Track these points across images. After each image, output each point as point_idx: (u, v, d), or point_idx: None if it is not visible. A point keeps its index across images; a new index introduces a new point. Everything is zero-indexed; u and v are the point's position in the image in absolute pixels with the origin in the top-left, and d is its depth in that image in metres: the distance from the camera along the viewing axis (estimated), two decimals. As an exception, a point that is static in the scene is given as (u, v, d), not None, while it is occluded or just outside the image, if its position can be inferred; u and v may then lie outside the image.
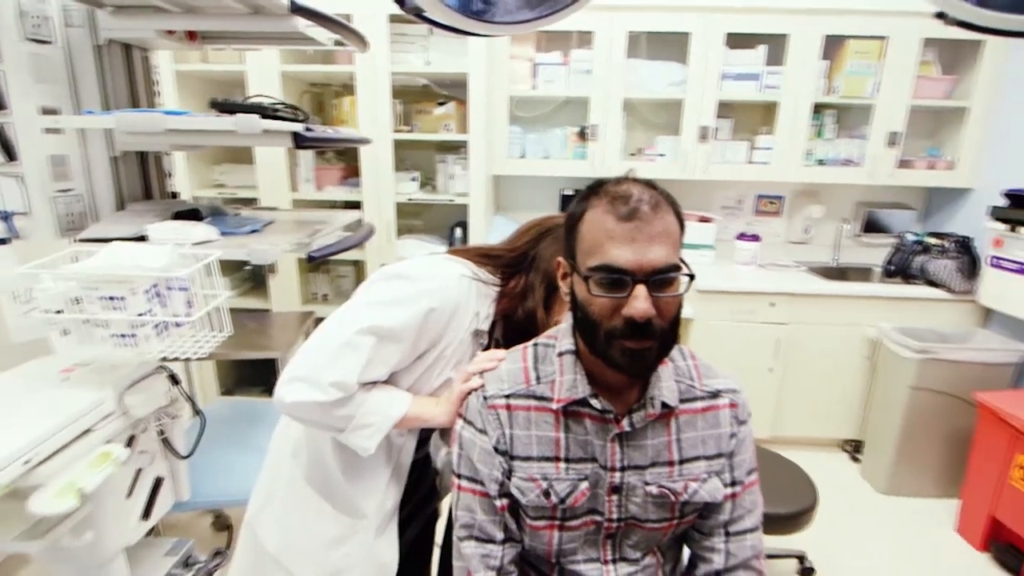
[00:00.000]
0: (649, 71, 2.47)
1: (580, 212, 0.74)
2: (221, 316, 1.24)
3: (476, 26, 0.99)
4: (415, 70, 2.37)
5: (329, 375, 0.83)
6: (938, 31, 2.30)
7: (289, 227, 1.60)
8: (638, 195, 0.70)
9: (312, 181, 2.53)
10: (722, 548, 0.84)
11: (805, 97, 2.43)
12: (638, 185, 0.72)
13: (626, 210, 0.68)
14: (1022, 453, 1.83)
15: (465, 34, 1.05)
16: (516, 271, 1.03)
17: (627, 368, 0.72)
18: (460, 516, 0.82)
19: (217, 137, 1.22)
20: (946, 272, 2.36)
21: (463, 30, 1.01)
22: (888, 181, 2.52)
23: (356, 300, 0.93)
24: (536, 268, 1.02)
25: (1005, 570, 1.92)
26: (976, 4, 0.92)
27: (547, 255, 1.02)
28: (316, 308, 2.63)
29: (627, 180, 0.74)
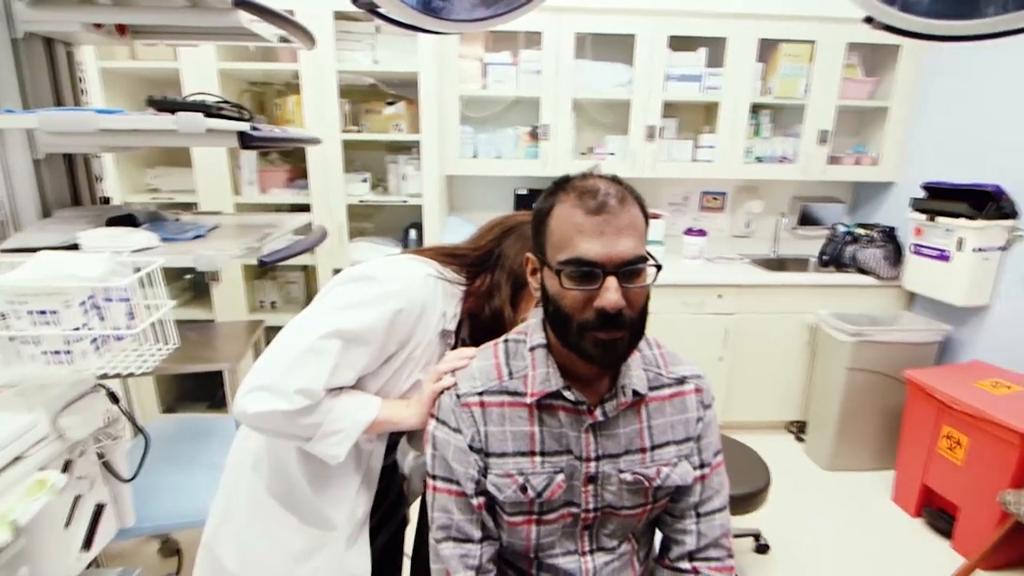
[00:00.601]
0: (597, 72, 2.52)
1: (548, 207, 0.75)
2: (166, 327, 1.16)
3: (433, 23, 0.98)
4: (363, 69, 2.32)
5: (294, 382, 0.80)
6: (861, 36, 2.47)
7: (236, 232, 1.53)
8: (605, 189, 0.71)
9: (256, 183, 2.42)
10: (693, 529, 0.86)
11: (743, 98, 2.55)
12: (604, 180, 0.74)
13: (594, 204, 0.69)
14: (948, 424, 2.00)
15: (420, 31, 1.03)
16: (481, 270, 1.03)
17: (600, 359, 0.73)
18: (437, 518, 0.81)
19: (156, 137, 1.14)
20: (874, 260, 2.54)
21: (420, 27, 0.99)
22: (820, 177, 2.69)
23: (319, 304, 0.89)
24: (501, 266, 1.02)
25: (937, 533, 2.08)
26: (900, 9, 0.99)
27: (512, 253, 1.02)
28: (265, 316, 2.52)
29: (593, 175, 0.75)
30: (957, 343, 2.38)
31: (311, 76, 2.23)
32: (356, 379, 0.89)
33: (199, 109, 1.14)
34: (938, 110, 2.48)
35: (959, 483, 1.97)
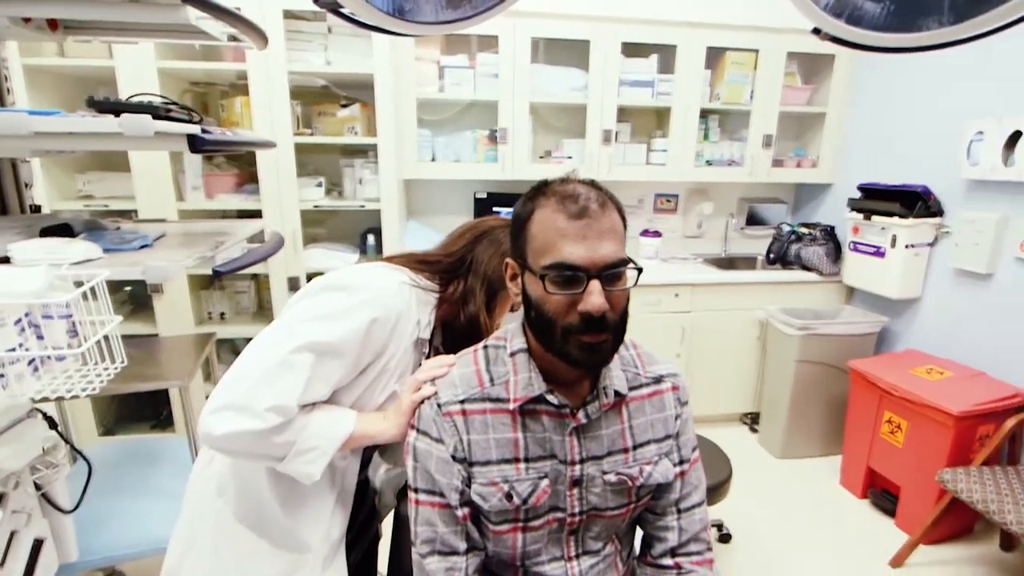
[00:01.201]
0: (553, 76, 2.55)
1: (528, 212, 0.74)
2: (113, 345, 1.08)
3: (399, 25, 0.95)
4: (315, 70, 2.25)
5: (265, 400, 0.75)
6: (799, 45, 2.61)
7: (185, 240, 1.44)
8: (585, 194, 0.71)
9: (201, 189, 2.30)
10: (675, 525, 0.88)
11: (693, 103, 2.64)
12: (583, 184, 0.74)
13: (576, 208, 0.70)
14: (889, 410, 2.13)
15: (385, 33, 1.01)
16: (454, 276, 1.02)
17: (584, 362, 0.73)
18: (420, 532, 0.78)
19: (97, 141, 1.06)
20: (816, 257, 2.68)
21: (385, 29, 0.97)
22: (765, 179, 2.82)
23: (290, 315, 0.85)
24: (475, 272, 1.01)
25: (882, 512, 2.21)
26: (847, 22, 1.04)
27: (484, 258, 1.01)
28: (214, 328, 2.40)
29: (572, 180, 0.75)
30: (893, 333, 2.55)
31: (260, 77, 2.14)
32: (330, 393, 0.86)
33: (145, 110, 1.07)
34: (869, 116, 2.65)
35: (900, 464, 2.10)
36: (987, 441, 1.91)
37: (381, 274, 0.93)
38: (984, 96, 2.09)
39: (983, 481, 1.75)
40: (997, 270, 2.08)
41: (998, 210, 2.05)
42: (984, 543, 2.04)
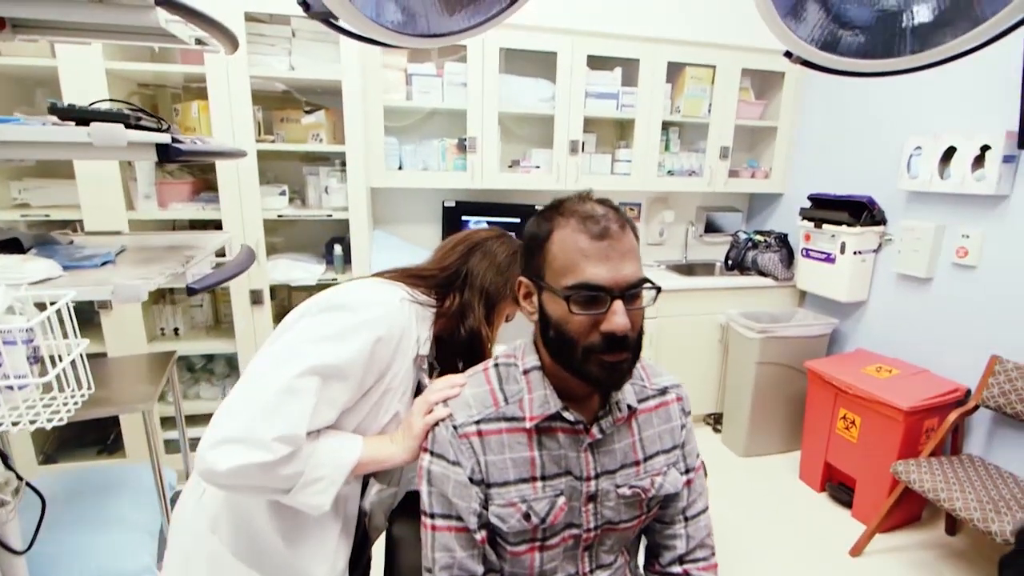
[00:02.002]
0: (522, 87, 2.57)
1: (546, 232, 0.74)
2: (81, 371, 1.00)
3: (399, 39, 0.94)
4: (277, 75, 2.17)
5: (272, 429, 0.71)
6: (753, 62, 2.75)
7: (149, 256, 1.35)
8: (605, 214, 0.72)
9: (154, 198, 2.16)
10: (682, 533, 0.90)
11: (655, 115, 2.72)
12: (601, 204, 0.74)
13: (598, 229, 0.70)
14: (843, 407, 2.26)
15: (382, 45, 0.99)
16: (449, 290, 1.00)
17: (604, 381, 0.73)
18: (439, 558, 0.76)
19: (62, 151, 0.99)
20: (772, 263, 2.82)
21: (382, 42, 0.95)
22: (723, 189, 2.94)
23: (290, 337, 0.81)
24: (471, 285, 1.00)
25: (839, 504, 2.34)
26: (820, 48, 1.10)
27: (480, 270, 1.01)
28: (167, 345, 2.26)
29: (589, 200, 0.75)
30: (843, 334, 2.71)
31: (219, 81, 2.04)
32: (336, 418, 0.82)
33: (115, 118, 1.00)
34: (816, 130, 2.82)
35: (855, 458, 2.23)
36: (932, 434, 2.06)
37: (380, 291, 0.90)
38: (921, 115, 2.26)
39: (932, 471, 1.89)
40: (936, 275, 2.25)
41: (935, 219, 2.22)
42: (931, 529, 2.20)
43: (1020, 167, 1.94)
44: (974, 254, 2.09)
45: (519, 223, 2.76)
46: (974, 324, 2.11)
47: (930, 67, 1.00)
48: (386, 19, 0.93)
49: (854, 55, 1.10)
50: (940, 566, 1.99)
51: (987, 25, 0.87)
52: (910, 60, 1.03)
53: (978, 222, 2.08)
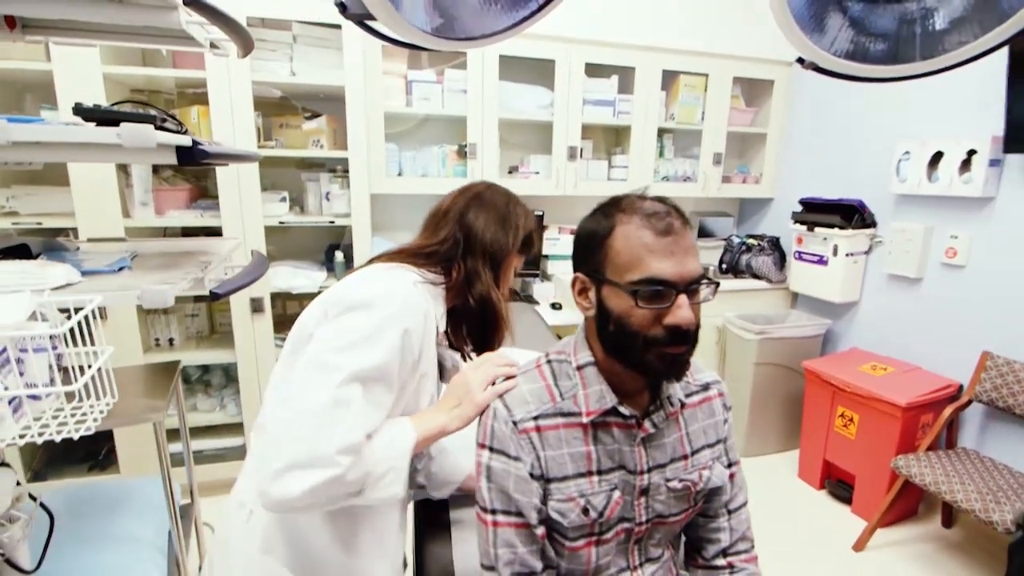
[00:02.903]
0: (521, 94, 2.59)
1: (608, 228, 0.75)
2: (106, 379, 0.97)
3: (434, 42, 0.94)
4: (279, 80, 2.15)
5: (332, 444, 0.70)
6: (743, 71, 2.82)
7: (164, 261, 1.32)
8: (668, 211, 0.74)
9: (150, 205, 2.12)
10: (726, 526, 0.91)
11: (651, 122, 2.77)
12: (660, 203, 0.76)
13: (663, 225, 0.71)
14: (841, 405, 2.31)
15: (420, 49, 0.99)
16: (452, 262, 0.96)
17: (665, 372, 0.75)
18: (501, 555, 0.76)
19: (87, 152, 0.96)
20: (765, 266, 2.89)
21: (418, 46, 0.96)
22: (716, 194, 3.00)
23: (317, 349, 0.78)
24: (472, 250, 0.96)
25: (839, 501, 2.39)
26: (840, 56, 1.14)
27: (478, 231, 0.96)
28: (163, 356, 2.21)
29: (647, 197, 0.77)
30: (836, 334, 2.78)
31: (220, 85, 2.02)
32: (384, 417, 0.81)
33: (143, 119, 0.98)
34: (804, 136, 2.91)
35: (854, 455, 2.29)
36: (928, 429, 2.12)
37: (394, 279, 0.88)
38: (909, 120, 2.35)
39: (931, 465, 1.94)
40: (926, 275, 2.33)
41: (924, 221, 2.31)
42: (928, 522, 2.26)
43: (1005, 170, 2.03)
44: (962, 254, 2.17)
45: (518, 229, 2.77)
46: (964, 322, 2.19)
47: (943, 71, 1.05)
48: (424, 22, 0.93)
49: (873, 62, 1.14)
50: (940, 558, 2.05)
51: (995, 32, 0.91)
52: (923, 65, 1.07)
53: (966, 223, 2.16)
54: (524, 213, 1.02)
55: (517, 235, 0.99)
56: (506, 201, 1.00)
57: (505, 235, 0.97)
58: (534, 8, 1.09)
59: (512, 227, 0.98)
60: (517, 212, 1.00)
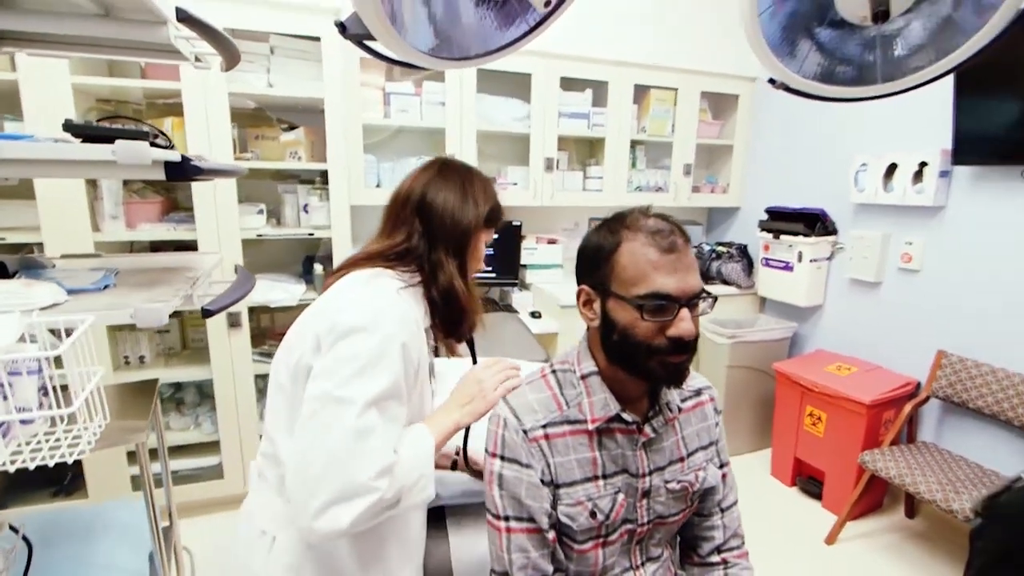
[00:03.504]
0: (498, 106, 2.63)
1: (614, 245, 0.79)
2: (99, 401, 0.95)
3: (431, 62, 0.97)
4: (256, 92, 2.13)
5: (367, 471, 0.72)
6: (710, 86, 2.94)
7: (149, 277, 1.30)
8: (669, 228, 0.78)
9: (121, 218, 2.05)
10: (720, 524, 0.96)
11: (624, 134, 2.86)
12: (663, 220, 0.80)
13: (667, 243, 0.76)
14: (810, 404, 2.42)
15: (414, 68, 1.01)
16: (422, 257, 0.93)
17: (667, 379, 0.79)
18: (515, 560, 0.78)
19: (80, 169, 0.94)
20: (735, 273, 3.00)
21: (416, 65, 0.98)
22: (687, 203, 3.11)
23: (323, 384, 0.77)
24: (436, 240, 0.93)
25: (810, 496, 2.49)
26: (808, 78, 1.21)
27: (437, 218, 0.92)
28: (136, 375, 2.14)
29: (651, 215, 0.81)
30: (802, 337, 2.90)
31: (196, 97, 1.98)
32: (402, 427, 0.83)
33: (138, 136, 0.97)
34: (769, 148, 3.04)
35: (823, 452, 2.39)
36: (891, 425, 2.25)
37: (379, 293, 0.86)
38: (866, 134, 2.50)
39: (895, 459, 2.05)
40: (884, 279, 2.47)
41: (882, 229, 2.45)
42: (893, 514, 2.38)
43: (954, 181, 2.18)
44: (917, 259, 2.31)
45: (497, 239, 2.80)
46: (920, 323, 2.33)
47: (902, 92, 1.14)
48: (423, 43, 0.96)
49: (839, 84, 1.22)
50: (905, 547, 2.16)
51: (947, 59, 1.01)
52: (884, 87, 1.16)
53: (919, 231, 2.31)
54: (483, 186, 0.99)
55: (478, 211, 0.95)
56: (462, 178, 0.96)
57: (465, 215, 0.93)
58: (526, 29, 1.13)
59: (471, 203, 0.94)
60: (475, 187, 0.97)
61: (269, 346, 2.39)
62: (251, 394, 2.25)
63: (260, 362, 2.29)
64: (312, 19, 2.07)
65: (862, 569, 2.04)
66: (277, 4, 2.01)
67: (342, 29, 0.91)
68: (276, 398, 0.89)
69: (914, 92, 1.05)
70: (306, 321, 0.87)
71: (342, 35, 0.91)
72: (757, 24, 0.96)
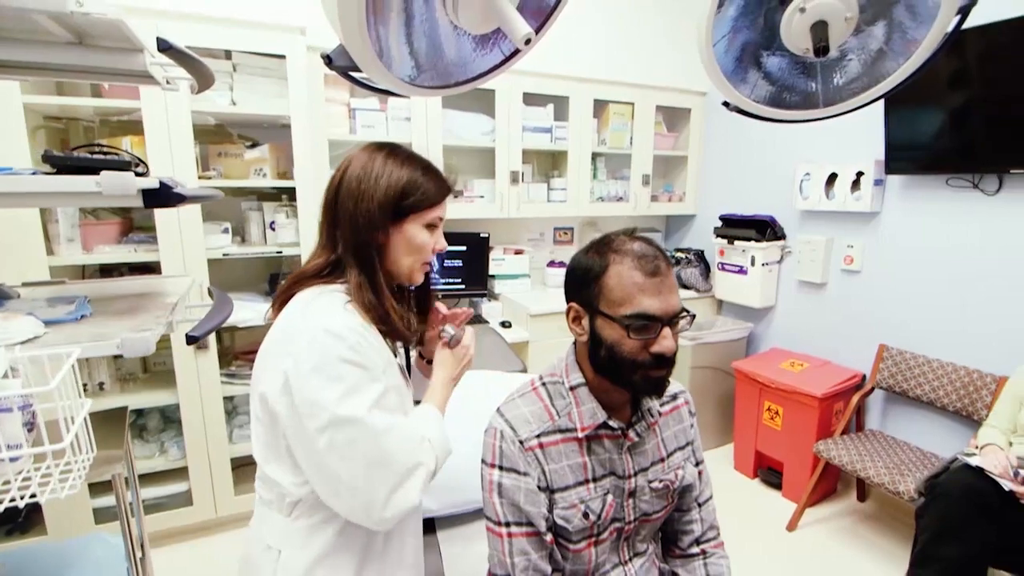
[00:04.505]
0: (463, 121, 2.68)
1: (602, 267, 0.85)
2: (86, 434, 0.94)
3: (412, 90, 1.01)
4: (219, 110, 2.10)
5: (407, 455, 0.80)
6: (664, 100, 3.09)
7: (125, 304, 1.28)
8: (653, 253, 0.84)
9: (77, 240, 1.98)
10: (698, 518, 1.03)
11: (585, 147, 2.96)
12: (646, 244, 0.87)
13: (651, 268, 0.82)
14: (768, 400, 2.57)
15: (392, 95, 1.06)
16: (344, 269, 0.88)
17: (649, 391, 0.86)
18: (517, 563, 0.83)
19: (54, 200, 0.93)
20: (693, 277, 3.14)
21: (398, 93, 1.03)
22: (646, 212, 3.24)
23: (318, 412, 0.76)
24: (352, 254, 0.86)
25: (770, 487, 2.63)
26: (758, 102, 1.32)
27: (344, 224, 0.87)
28: (99, 402, 2.05)
29: (636, 238, 0.87)
30: (757, 336, 3.07)
31: (157, 115, 1.94)
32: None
33: (121, 166, 0.97)
34: (720, 159, 3.22)
35: (781, 444, 2.54)
36: (841, 415, 2.41)
37: (324, 316, 0.80)
38: (808, 146, 2.69)
39: (846, 447, 2.21)
40: (829, 279, 2.66)
41: (825, 233, 2.63)
42: (845, 498, 2.55)
43: (887, 189, 2.37)
44: (858, 261, 2.50)
45: (465, 251, 2.85)
46: (863, 319, 2.51)
47: (840, 115, 1.26)
48: (406, 75, 1.01)
49: (786, 107, 1.34)
50: (858, 529, 2.32)
51: (878, 87, 1.13)
52: (825, 111, 1.28)
53: (859, 234, 2.50)
54: (385, 171, 0.86)
55: (376, 205, 0.84)
56: (360, 172, 0.87)
57: (365, 216, 0.83)
58: (500, 59, 1.19)
59: (367, 200, 0.84)
60: (371, 178, 0.85)
61: (236, 366, 2.34)
62: (220, 416, 2.20)
63: (228, 383, 2.24)
64: (276, 37, 2.07)
65: (822, 552, 2.19)
66: (240, 23, 2.00)
67: (328, 61, 0.94)
68: (257, 427, 0.89)
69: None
70: (269, 351, 0.84)
71: (328, 66, 0.95)
72: (712, 52, 1.05)
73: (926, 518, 1.55)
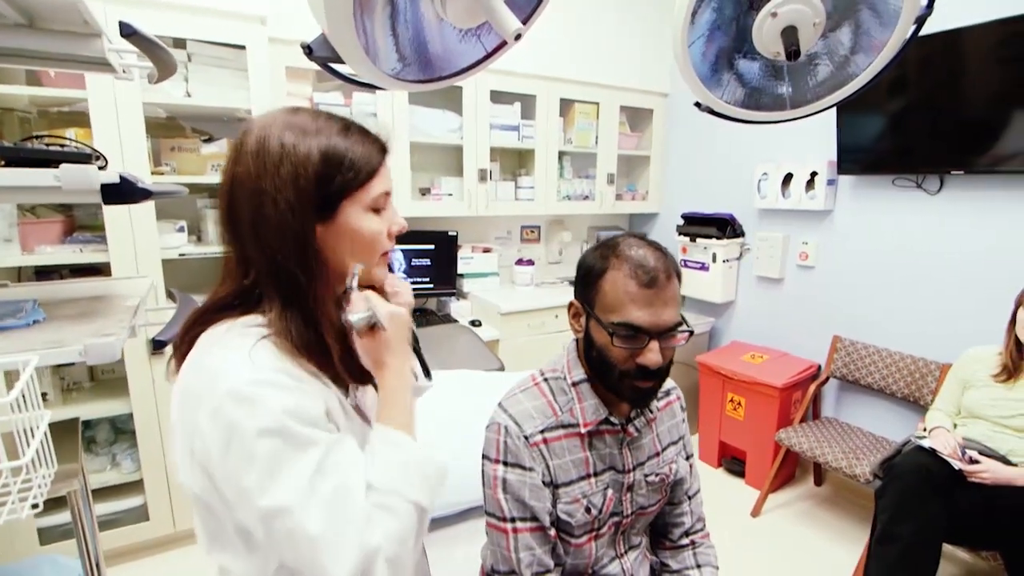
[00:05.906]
0: (431, 118, 2.64)
1: (602, 270, 0.84)
2: (46, 448, 0.87)
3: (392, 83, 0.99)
4: (172, 102, 1.99)
5: (360, 550, 0.57)
6: (628, 100, 3.14)
7: (80, 308, 1.19)
8: (654, 263, 0.82)
9: (15, 240, 1.84)
10: (688, 510, 1.05)
11: (552, 146, 2.98)
12: (653, 251, 0.85)
13: (647, 278, 0.81)
14: (730, 391, 2.66)
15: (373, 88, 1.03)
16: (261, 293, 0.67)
17: (633, 401, 0.87)
18: (523, 557, 0.83)
19: (7, 196, 0.85)
20: (657, 274, 3.21)
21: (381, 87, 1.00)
22: (611, 211, 3.29)
23: (245, 501, 0.59)
24: (257, 267, 0.65)
25: (734, 475, 2.73)
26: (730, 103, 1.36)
27: (249, 225, 0.64)
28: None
29: (643, 244, 0.86)
30: (719, 330, 3.18)
31: (105, 106, 1.82)
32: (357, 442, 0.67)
33: (81, 159, 0.90)
34: (682, 158, 3.30)
35: (744, 434, 2.63)
36: (799, 405, 2.53)
37: (231, 362, 0.61)
38: (765, 146, 2.79)
39: (806, 435, 2.32)
40: (785, 275, 2.78)
41: (782, 230, 2.75)
42: (803, 484, 2.67)
43: (839, 188, 2.50)
44: (812, 257, 2.62)
45: (433, 249, 2.81)
46: (818, 312, 2.64)
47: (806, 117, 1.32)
48: (390, 67, 0.99)
49: (757, 109, 1.38)
50: (817, 512, 2.44)
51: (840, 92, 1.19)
52: (793, 113, 1.33)
53: (813, 232, 2.62)
54: (288, 151, 0.64)
55: (287, 203, 0.62)
56: (254, 162, 0.64)
57: (276, 224, 0.62)
58: (483, 54, 1.19)
59: (271, 200, 0.62)
60: (271, 166, 0.63)
61: (195, 372, 2.22)
62: (178, 425, 2.09)
63: (187, 390, 2.13)
64: (236, 26, 1.98)
65: (785, 535, 2.28)
66: (197, 9, 1.90)
67: (308, 51, 0.91)
68: (195, 513, 0.73)
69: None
70: (175, 427, 0.67)
71: (307, 57, 0.91)
72: (687, 54, 1.08)
73: (885, 498, 1.65)
